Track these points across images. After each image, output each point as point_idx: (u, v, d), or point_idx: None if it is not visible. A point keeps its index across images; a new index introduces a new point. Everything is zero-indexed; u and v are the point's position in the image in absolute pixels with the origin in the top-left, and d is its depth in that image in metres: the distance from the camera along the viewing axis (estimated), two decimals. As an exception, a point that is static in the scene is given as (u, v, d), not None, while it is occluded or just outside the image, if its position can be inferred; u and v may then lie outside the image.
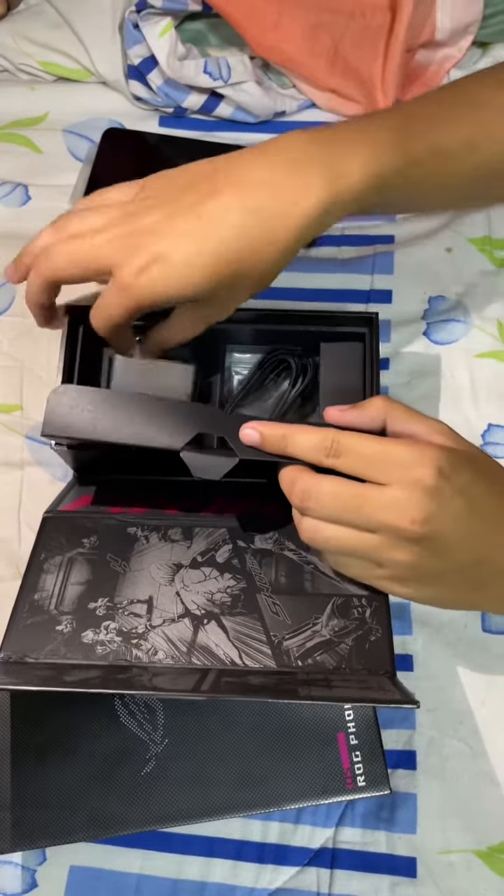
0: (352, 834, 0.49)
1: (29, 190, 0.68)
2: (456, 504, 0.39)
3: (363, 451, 0.39)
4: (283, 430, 0.42)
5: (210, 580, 0.46)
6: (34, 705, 0.47)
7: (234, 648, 0.42)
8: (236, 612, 0.44)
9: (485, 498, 0.40)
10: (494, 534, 0.40)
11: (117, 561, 0.47)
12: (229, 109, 0.69)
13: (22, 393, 0.61)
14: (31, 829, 0.44)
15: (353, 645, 0.43)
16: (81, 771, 0.45)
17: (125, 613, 0.44)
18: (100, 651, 0.43)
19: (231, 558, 0.47)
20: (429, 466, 0.38)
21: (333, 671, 0.41)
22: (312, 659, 0.42)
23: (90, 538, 0.48)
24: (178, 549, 0.48)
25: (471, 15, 0.68)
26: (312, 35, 0.68)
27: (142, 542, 0.48)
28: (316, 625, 0.44)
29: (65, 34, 0.70)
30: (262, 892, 0.48)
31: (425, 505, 0.38)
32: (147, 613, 0.44)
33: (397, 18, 0.66)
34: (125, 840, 0.49)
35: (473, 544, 0.40)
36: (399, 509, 0.38)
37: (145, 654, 0.42)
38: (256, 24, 0.67)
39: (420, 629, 0.53)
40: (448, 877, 0.48)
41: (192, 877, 0.48)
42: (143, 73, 0.68)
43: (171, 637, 0.43)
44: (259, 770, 0.45)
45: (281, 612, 0.44)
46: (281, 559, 0.47)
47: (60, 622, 0.44)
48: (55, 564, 0.47)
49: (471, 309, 0.61)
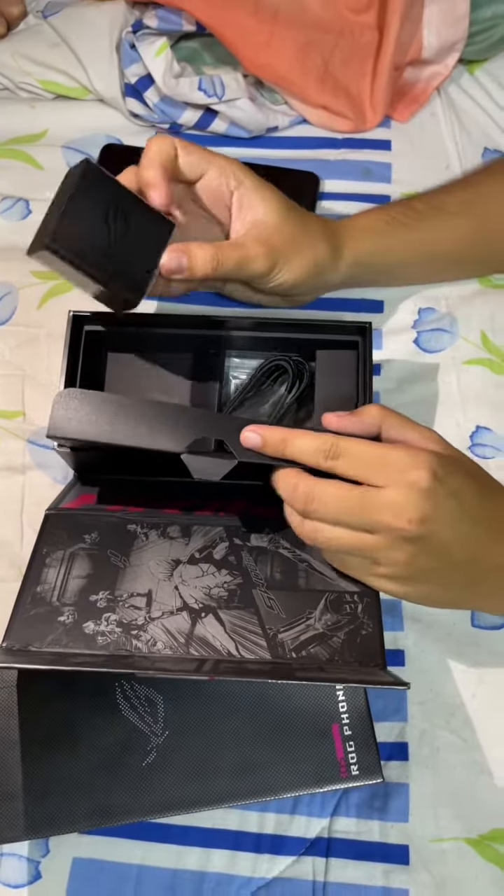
0: (346, 823, 0.50)
1: (30, 204, 0.70)
2: (449, 505, 0.41)
3: (361, 455, 0.42)
4: (282, 433, 0.44)
5: (207, 576, 0.48)
6: (38, 698, 0.48)
7: (231, 640, 0.44)
8: (233, 606, 0.46)
9: (474, 499, 0.43)
10: (484, 534, 0.43)
11: (117, 556, 0.49)
12: (223, 125, 0.71)
13: (24, 399, 0.63)
14: (37, 819, 0.46)
15: (345, 638, 0.44)
16: (85, 762, 0.47)
17: (125, 606, 0.46)
18: (101, 641, 0.44)
19: (228, 555, 0.49)
20: (424, 469, 0.41)
21: (326, 663, 0.43)
22: (306, 651, 0.44)
23: (91, 534, 0.50)
24: (177, 546, 0.49)
25: (456, 33, 0.71)
26: (303, 53, 0.70)
27: (141, 539, 0.50)
28: (309, 619, 0.45)
29: (64, 53, 0.73)
30: (259, 881, 0.49)
31: (421, 506, 0.40)
32: (146, 606, 0.46)
33: (385, 37, 0.69)
34: (126, 832, 0.50)
35: (466, 543, 0.42)
36: (396, 510, 0.40)
37: (145, 645, 0.44)
38: (249, 43, 0.69)
39: (411, 625, 0.55)
40: (440, 864, 0.49)
41: (192, 867, 0.50)
42: (140, 91, 0.70)
43: (170, 629, 0.45)
44: (256, 760, 0.47)
45: (276, 607, 0.46)
46: (276, 556, 0.49)
47: (62, 613, 0.46)
48: (57, 559, 0.48)
49: (458, 320, 0.63)
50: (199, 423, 0.46)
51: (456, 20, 0.70)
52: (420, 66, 0.72)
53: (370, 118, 0.71)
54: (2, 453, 0.61)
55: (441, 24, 0.70)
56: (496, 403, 0.61)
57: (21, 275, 0.67)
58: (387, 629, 0.54)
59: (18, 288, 0.66)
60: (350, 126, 0.72)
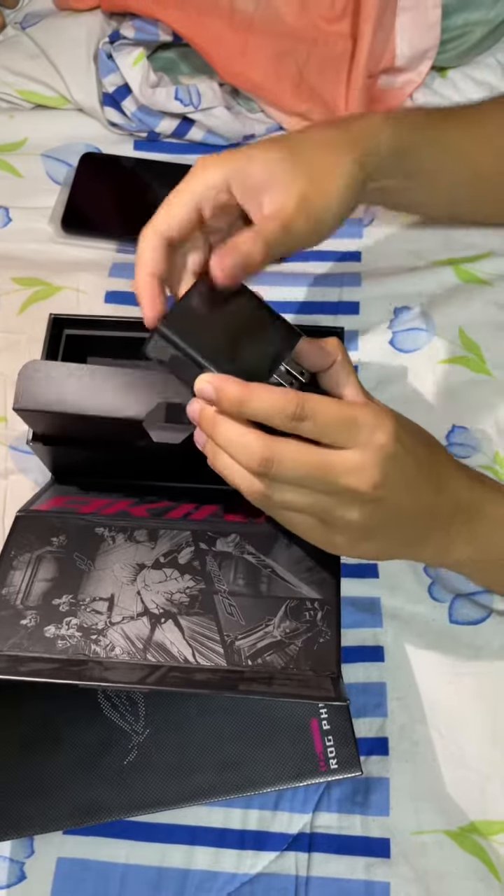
0: (328, 818, 0.51)
1: (10, 212, 0.71)
2: (408, 466, 0.41)
3: (328, 416, 0.39)
4: (241, 387, 0.39)
5: (170, 580, 0.48)
6: (19, 697, 0.48)
7: (189, 647, 0.44)
8: (193, 612, 0.46)
9: (425, 456, 0.43)
10: (433, 493, 0.43)
11: (83, 559, 0.49)
12: (200, 133, 0.72)
13: (6, 405, 0.63)
14: (19, 818, 0.46)
15: (301, 647, 0.44)
16: (66, 761, 0.47)
17: (87, 610, 0.46)
18: (60, 645, 0.45)
19: (192, 560, 0.49)
20: (387, 431, 0.40)
21: (280, 671, 0.43)
22: (262, 659, 0.44)
23: (59, 537, 0.50)
24: (143, 550, 0.50)
25: (428, 41, 0.72)
26: (277, 62, 0.71)
27: (108, 543, 0.50)
28: (268, 626, 0.46)
29: (42, 64, 0.74)
30: (243, 878, 0.50)
31: (386, 469, 0.39)
32: (108, 611, 0.46)
33: (358, 46, 0.70)
34: (110, 831, 0.50)
35: (418, 503, 0.42)
36: (361, 473, 0.39)
37: (103, 650, 0.44)
38: (224, 52, 0.70)
39: (390, 622, 0.55)
40: (420, 856, 0.50)
41: (176, 864, 0.50)
42: (118, 101, 0.71)
43: (129, 634, 0.45)
44: (237, 756, 0.47)
45: (236, 613, 0.46)
46: (240, 562, 0.49)
47: (25, 616, 0.46)
48: (24, 561, 0.49)
49: (434, 318, 0.64)
50: (164, 389, 0.46)
51: (428, 28, 0.71)
52: (394, 74, 0.74)
53: (345, 125, 0.72)
54: (-17, 459, 0.62)
55: (413, 32, 0.71)
56: (472, 402, 0.62)
57: (2, 281, 0.67)
58: (366, 626, 0.55)
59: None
60: (326, 133, 0.73)
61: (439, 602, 0.56)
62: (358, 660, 0.54)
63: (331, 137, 0.49)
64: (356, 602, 0.56)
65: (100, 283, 0.67)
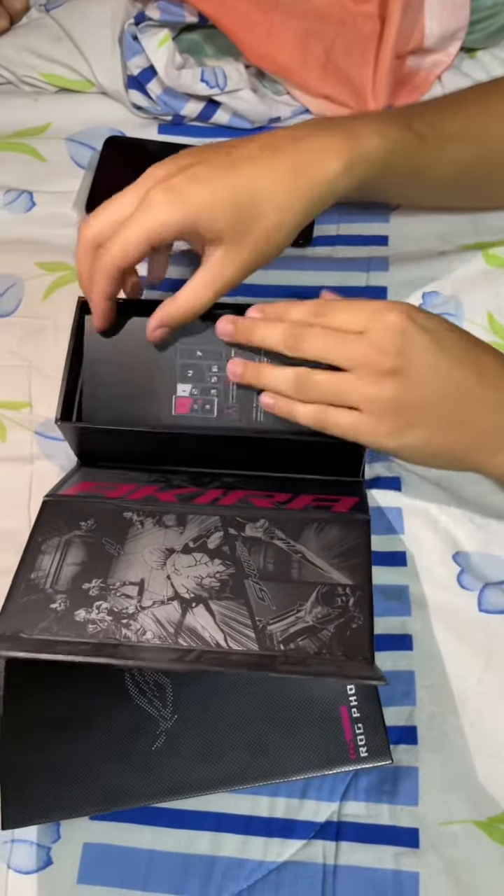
0: (356, 807, 0.50)
1: (34, 196, 0.70)
2: (425, 341, 0.46)
3: (342, 304, 0.48)
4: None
5: (200, 565, 0.48)
6: (47, 683, 0.48)
7: (220, 631, 0.44)
8: (224, 596, 0.46)
9: (453, 340, 0.48)
10: (469, 374, 0.48)
11: (112, 544, 0.49)
12: (226, 116, 0.72)
13: (30, 391, 0.63)
14: (46, 804, 0.46)
15: (334, 632, 0.44)
16: (94, 747, 0.47)
17: (117, 594, 0.46)
18: (91, 629, 0.44)
19: (222, 545, 0.49)
20: (399, 310, 0.46)
21: (313, 656, 0.43)
22: (294, 643, 0.43)
23: (87, 521, 0.50)
24: (172, 535, 0.49)
25: (458, 21, 0.71)
26: (304, 43, 0.70)
27: (137, 527, 0.50)
28: (300, 611, 0.45)
29: (66, 47, 0.73)
30: (270, 865, 0.49)
31: (397, 340, 0.46)
32: (138, 595, 0.46)
33: (386, 26, 0.69)
34: (136, 817, 0.50)
35: (450, 381, 0.47)
36: (374, 344, 0.46)
37: (134, 634, 0.44)
38: (250, 33, 0.69)
39: (418, 610, 0.55)
40: (449, 846, 0.49)
41: (203, 851, 0.50)
42: (143, 83, 0.70)
43: (160, 618, 0.45)
44: (265, 743, 0.47)
45: (267, 598, 0.46)
46: (270, 547, 0.48)
47: (55, 601, 0.46)
48: (52, 546, 0.49)
49: (463, 303, 0.64)
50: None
51: (457, 8, 0.70)
52: (422, 55, 0.72)
53: (372, 107, 0.71)
54: (9, 444, 0.61)
55: (442, 12, 0.70)
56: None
57: (26, 266, 0.67)
58: (394, 614, 0.55)
59: (24, 279, 0.67)
60: (352, 115, 0.72)
61: (468, 591, 0.55)
62: (386, 648, 0.54)
63: (275, 182, 0.48)
64: (385, 590, 0.55)
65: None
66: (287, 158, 0.48)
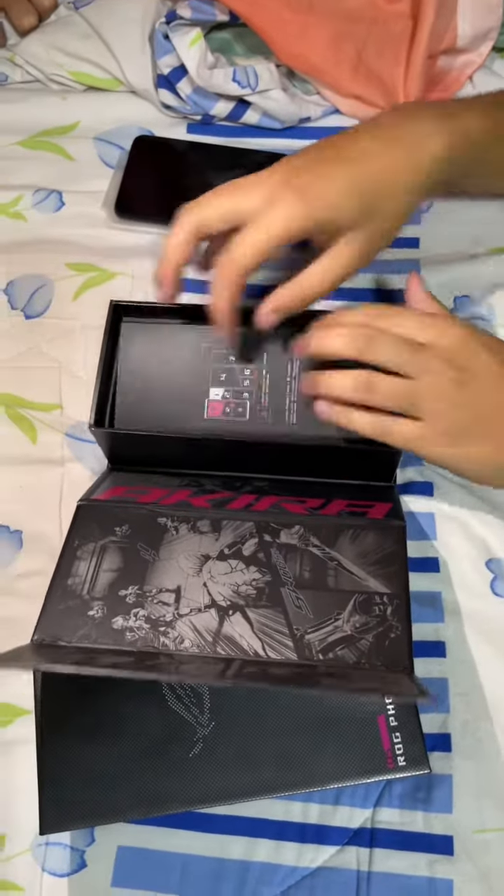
0: (390, 814, 0.50)
1: (63, 196, 0.70)
2: (486, 353, 0.47)
3: (411, 316, 0.47)
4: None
5: (236, 572, 0.48)
6: (85, 687, 0.48)
7: (258, 640, 0.44)
8: (261, 604, 0.46)
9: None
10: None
11: (147, 550, 0.49)
12: (256, 116, 0.71)
13: (61, 392, 0.63)
14: (83, 809, 0.46)
15: (373, 641, 0.44)
16: (131, 752, 0.47)
17: (154, 601, 0.46)
18: (129, 637, 0.44)
19: (257, 552, 0.48)
20: (463, 324, 0.47)
21: (353, 666, 0.43)
22: (333, 653, 0.43)
23: (122, 527, 0.50)
24: (207, 541, 0.49)
25: (490, 21, 0.70)
26: (336, 43, 0.70)
27: (171, 533, 0.50)
28: (338, 620, 0.45)
29: (95, 45, 0.72)
30: (304, 871, 0.49)
31: (464, 352, 0.46)
32: (175, 602, 0.46)
33: (419, 26, 0.68)
34: (171, 822, 0.50)
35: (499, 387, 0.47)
36: (443, 356, 0.46)
37: (172, 642, 0.44)
38: (282, 33, 0.69)
39: (451, 617, 0.55)
40: (484, 854, 0.49)
41: (237, 856, 0.50)
42: (173, 83, 0.70)
43: (198, 626, 0.45)
44: (303, 751, 0.47)
45: (304, 607, 0.46)
46: (305, 554, 0.48)
47: (92, 607, 0.46)
48: (88, 551, 0.48)
49: (495, 306, 0.63)
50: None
51: (490, 8, 0.69)
52: (454, 55, 0.72)
53: (403, 108, 0.71)
54: (40, 446, 0.61)
55: (475, 12, 0.69)
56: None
57: (56, 267, 0.67)
58: (427, 620, 0.55)
59: (54, 280, 0.66)
60: (383, 116, 0.72)
61: (502, 598, 0.55)
62: (419, 655, 0.53)
63: (392, 165, 0.49)
64: (417, 596, 0.55)
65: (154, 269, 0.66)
66: (400, 143, 0.49)
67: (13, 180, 0.71)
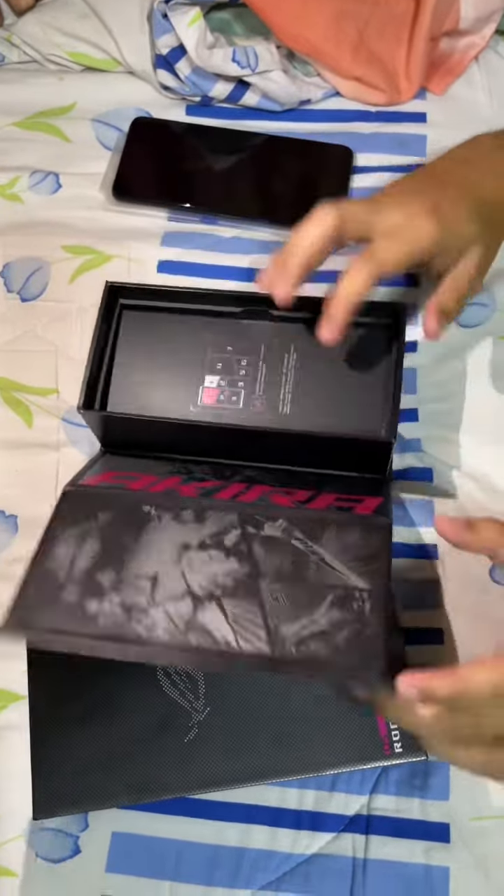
0: (386, 801, 0.50)
1: (60, 178, 0.69)
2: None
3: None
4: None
5: (215, 563, 0.47)
6: (79, 673, 0.48)
7: (231, 631, 0.43)
8: (237, 595, 0.45)
9: None
10: None
11: (128, 537, 0.48)
12: (255, 98, 0.70)
13: (57, 376, 0.62)
14: (77, 794, 0.46)
15: (348, 637, 0.43)
16: (125, 737, 0.47)
17: (130, 588, 0.45)
18: (101, 622, 0.44)
19: (238, 543, 0.48)
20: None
21: (325, 662, 0.42)
22: (306, 647, 0.42)
23: (105, 513, 0.49)
24: (189, 530, 0.48)
25: (494, 3, 0.69)
26: (337, 24, 0.69)
27: (154, 521, 0.49)
28: (314, 614, 0.44)
29: (93, 24, 0.71)
30: (299, 857, 0.49)
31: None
32: (151, 589, 0.45)
33: (421, 7, 0.67)
34: (166, 807, 0.50)
35: None
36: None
37: (144, 629, 0.43)
38: (282, 13, 0.68)
39: (449, 605, 0.54)
40: (480, 841, 0.49)
41: (232, 842, 0.50)
42: (171, 63, 0.69)
43: (172, 614, 0.44)
44: (299, 737, 0.47)
45: (281, 599, 0.45)
46: (288, 547, 0.47)
47: (68, 591, 0.45)
48: (69, 536, 0.48)
49: (496, 293, 0.63)
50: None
51: (493, -11, 0.69)
52: (456, 37, 0.71)
53: (405, 90, 0.70)
54: (36, 430, 0.61)
55: (478, -7, 0.69)
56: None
57: (52, 249, 0.66)
58: (424, 608, 0.54)
59: (50, 263, 0.66)
60: (384, 98, 0.71)
61: (501, 585, 0.55)
62: (416, 642, 0.53)
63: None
64: (415, 584, 0.55)
65: (152, 252, 0.66)
66: (488, 163, 0.53)
67: (9, 162, 0.70)
